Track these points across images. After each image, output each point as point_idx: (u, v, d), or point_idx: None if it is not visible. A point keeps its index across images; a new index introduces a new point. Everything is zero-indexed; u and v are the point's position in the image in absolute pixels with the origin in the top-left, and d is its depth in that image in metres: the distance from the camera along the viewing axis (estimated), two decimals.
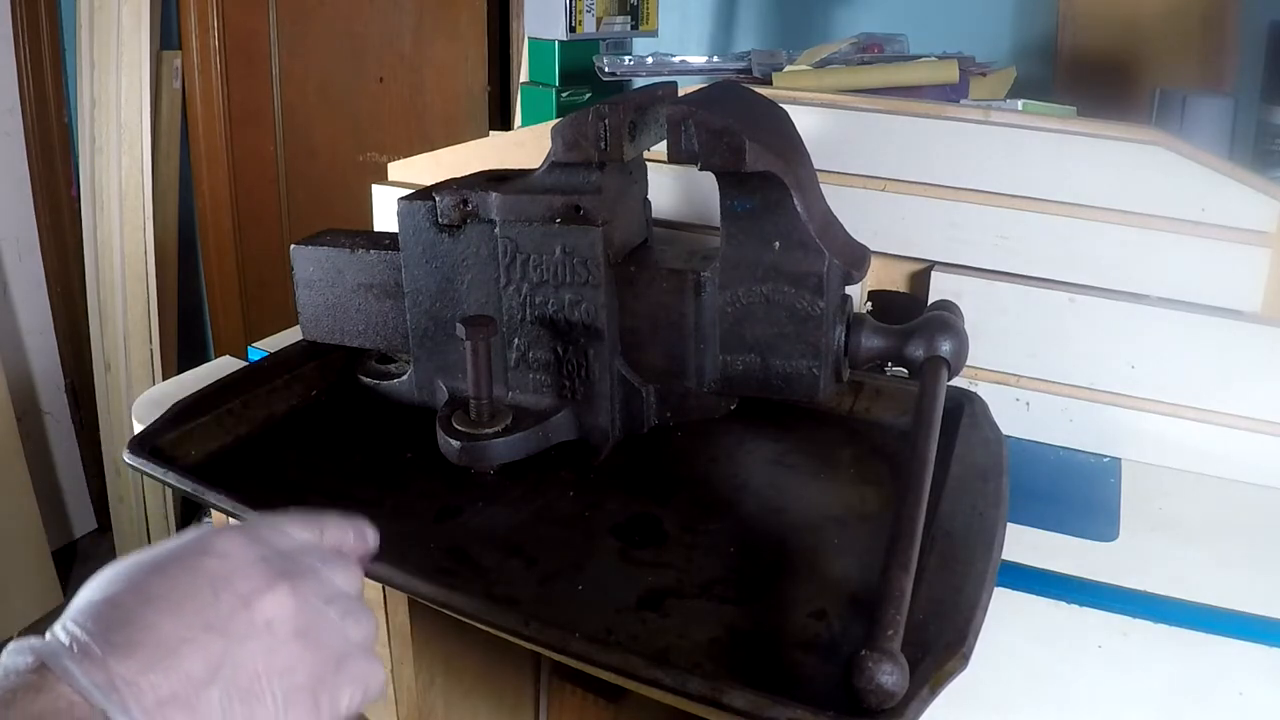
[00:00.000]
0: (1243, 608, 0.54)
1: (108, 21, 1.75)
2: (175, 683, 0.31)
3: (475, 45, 1.70)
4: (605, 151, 0.58)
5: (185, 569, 0.33)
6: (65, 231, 1.94)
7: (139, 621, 0.31)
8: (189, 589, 0.33)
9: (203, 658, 0.32)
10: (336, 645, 0.36)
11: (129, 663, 0.30)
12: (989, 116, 0.71)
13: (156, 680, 0.30)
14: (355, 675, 0.37)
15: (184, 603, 0.32)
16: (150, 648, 0.31)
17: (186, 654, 0.31)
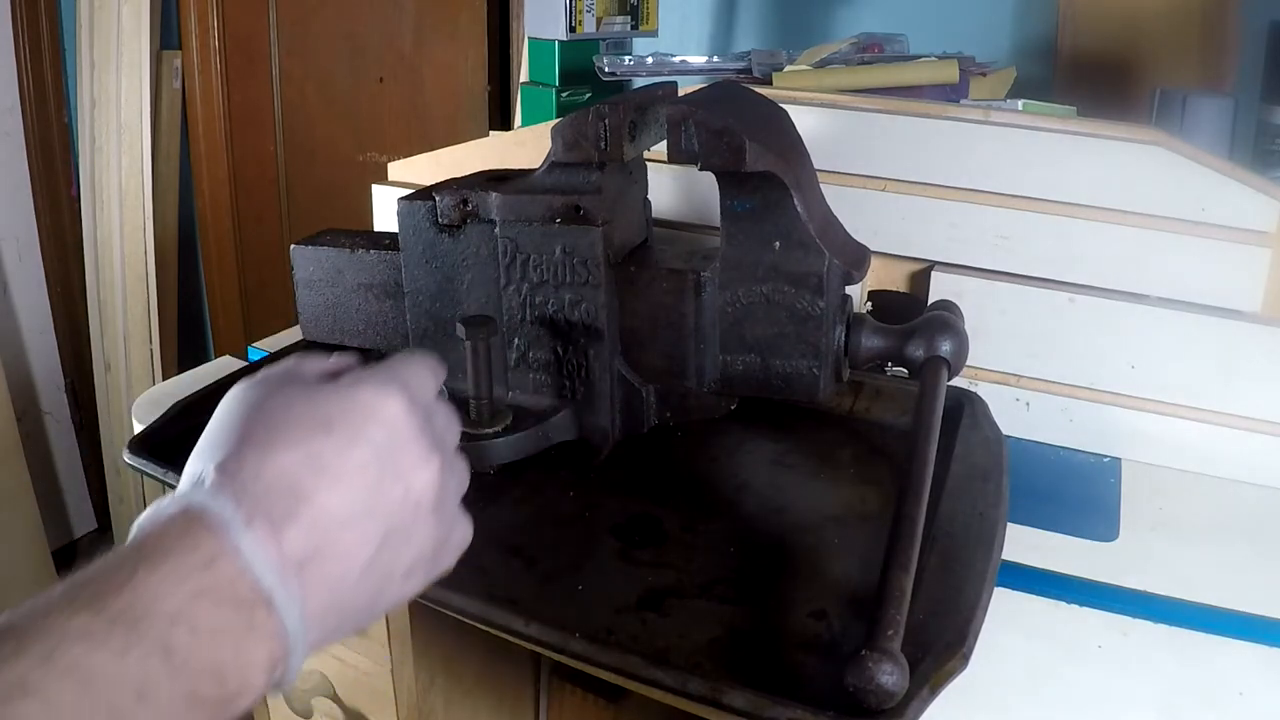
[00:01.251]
0: (1243, 608, 0.54)
1: (108, 21, 1.75)
2: (335, 565, 0.31)
3: (475, 45, 1.70)
4: (605, 151, 0.58)
5: (353, 437, 0.33)
6: (65, 231, 1.94)
7: (309, 496, 0.31)
8: (358, 463, 0.32)
9: (363, 539, 0.32)
10: (452, 514, 0.37)
11: (302, 539, 0.30)
12: (989, 116, 0.71)
13: (322, 559, 0.31)
14: (458, 540, 0.38)
15: (353, 480, 0.32)
16: (322, 522, 0.31)
17: (351, 533, 0.32)
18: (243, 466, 0.31)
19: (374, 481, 0.33)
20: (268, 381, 0.35)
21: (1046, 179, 0.70)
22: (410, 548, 0.35)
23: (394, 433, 0.34)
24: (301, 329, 0.73)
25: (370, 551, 0.33)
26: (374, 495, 0.33)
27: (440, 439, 0.36)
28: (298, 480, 0.31)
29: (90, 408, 1.99)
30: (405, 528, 0.34)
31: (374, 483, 0.33)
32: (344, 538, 0.32)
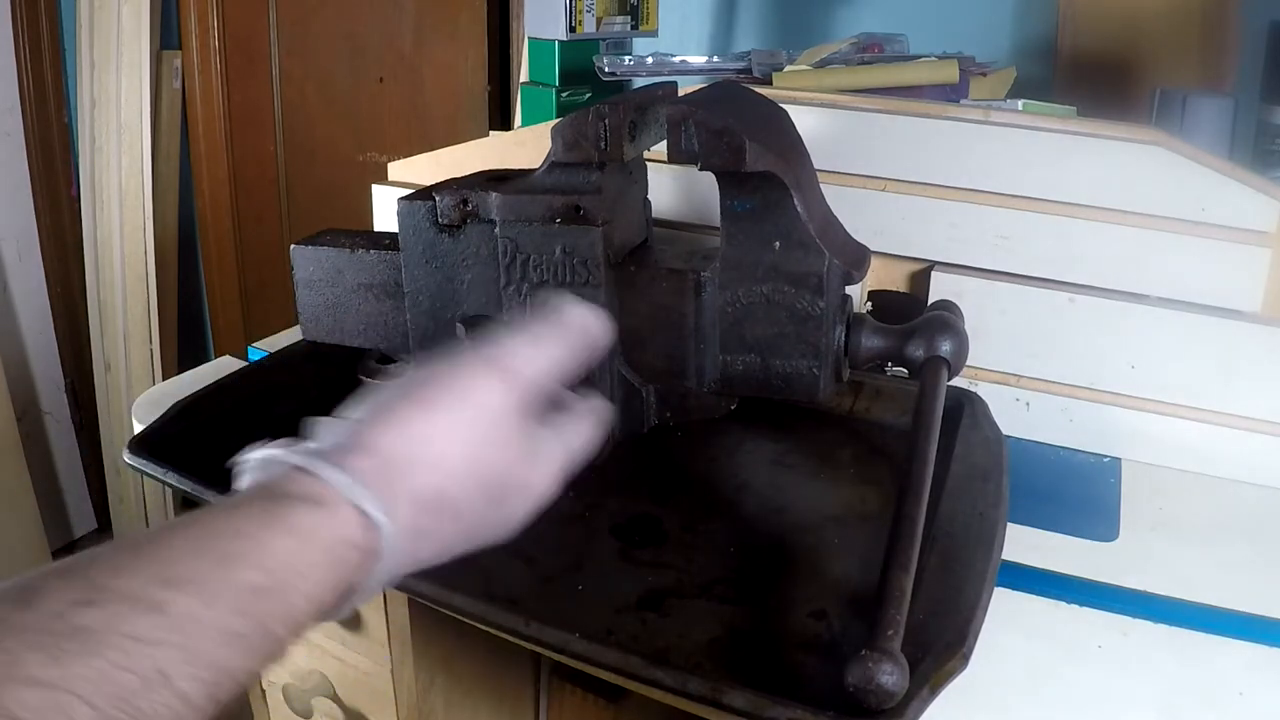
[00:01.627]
0: (1243, 608, 0.54)
1: (108, 21, 1.75)
2: (425, 549, 0.36)
3: (475, 45, 1.70)
4: (605, 151, 0.58)
5: (503, 471, 0.37)
6: (65, 231, 1.94)
7: (451, 509, 0.36)
8: (498, 493, 0.37)
9: (467, 545, 0.37)
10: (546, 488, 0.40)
11: (403, 519, 0.34)
12: (989, 116, 0.71)
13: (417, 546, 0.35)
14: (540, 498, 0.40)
15: (487, 510, 0.37)
16: (422, 514, 0.35)
17: (437, 530, 0.36)
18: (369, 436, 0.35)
19: (504, 510, 0.38)
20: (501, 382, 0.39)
21: (1046, 179, 0.70)
22: (507, 515, 0.39)
23: (537, 473, 0.39)
24: (301, 329, 0.73)
25: (468, 515, 0.37)
26: (498, 517, 0.38)
27: (555, 417, 0.41)
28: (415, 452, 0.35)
29: (90, 408, 1.99)
30: (505, 500, 0.38)
31: (504, 511, 0.38)
32: (450, 509, 0.36)
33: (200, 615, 0.28)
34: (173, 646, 0.27)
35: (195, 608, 0.28)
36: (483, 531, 0.38)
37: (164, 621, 0.27)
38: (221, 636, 0.28)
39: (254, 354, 0.83)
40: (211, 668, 0.28)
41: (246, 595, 0.29)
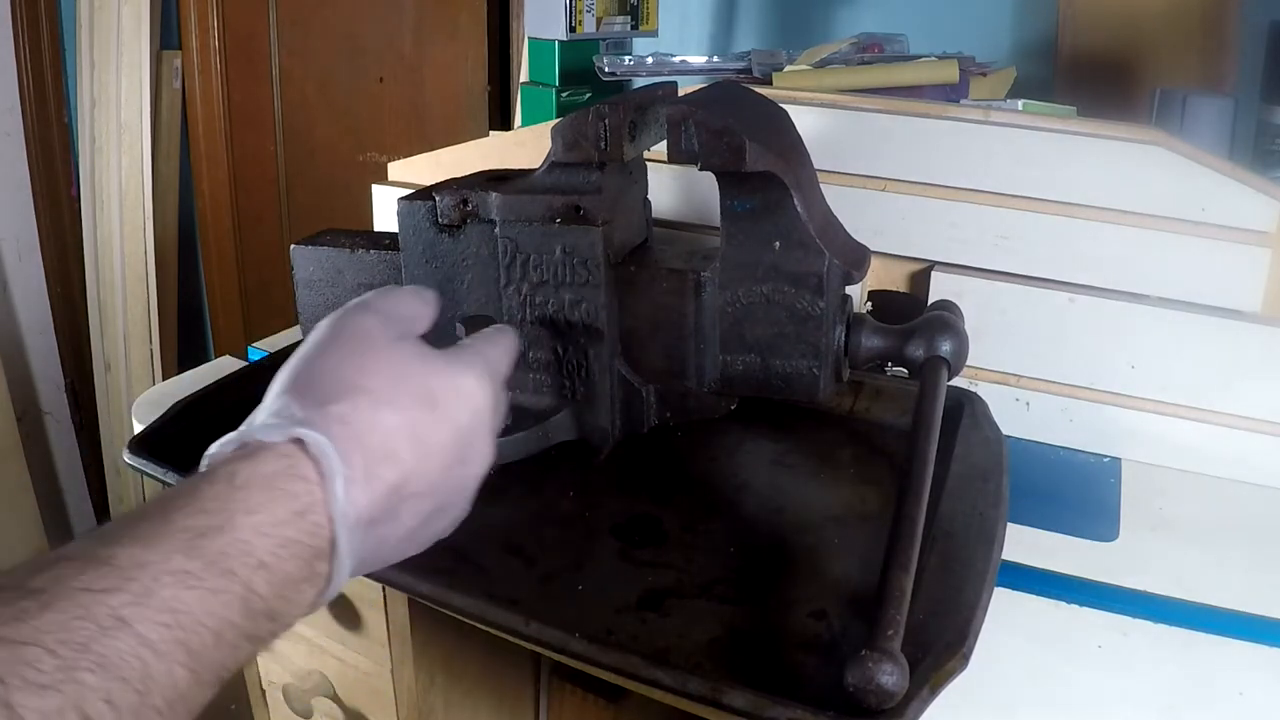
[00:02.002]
0: (1243, 608, 0.54)
1: (108, 21, 1.75)
2: (390, 531, 0.34)
3: (475, 45, 1.70)
4: (605, 151, 0.58)
5: (448, 417, 0.36)
6: (65, 231, 1.94)
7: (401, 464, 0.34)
8: (443, 443, 0.35)
9: (415, 514, 0.35)
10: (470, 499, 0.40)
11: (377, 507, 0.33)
12: (989, 116, 0.71)
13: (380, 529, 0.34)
14: (460, 518, 0.41)
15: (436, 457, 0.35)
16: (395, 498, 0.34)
17: (408, 511, 0.35)
18: (357, 418, 0.34)
19: (448, 463, 0.36)
20: (380, 320, 0.38)
21: (1046, 179, 0.70)
22: (442, 521, 0.38)
23: (477, 422, 0.37)
24: (301, 329, 0.73)
25: (416, 524, 0.36)
26: (442, 475, 0.36)
27: (498, 421, 0.40)
28: (398, 446, 0.34)
29: (90, 408, 1.99)
30: (447, 508, 0.37)
31: (448, 464, 0.36)
32: (405, 507, 0.35)
33: (145, 559, 0.28)
34: (124, 592, 0.27)
35: (138, 553, 0.28)
36: (446, 493, 0.37)
37: (110, 570, 0.27)
38: (173, 578, 0.28)
39: (254, 354, 0.83)
40: (170, 610, 0.27)
41: (189, 536, 0.29)
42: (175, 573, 0.28)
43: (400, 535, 0.36)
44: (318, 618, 0.70)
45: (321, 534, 0.32)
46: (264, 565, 0.30)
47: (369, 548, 0.34)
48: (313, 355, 0.36)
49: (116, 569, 0.27)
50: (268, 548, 0.30)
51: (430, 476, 0.35)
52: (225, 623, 0.29)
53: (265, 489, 0.31)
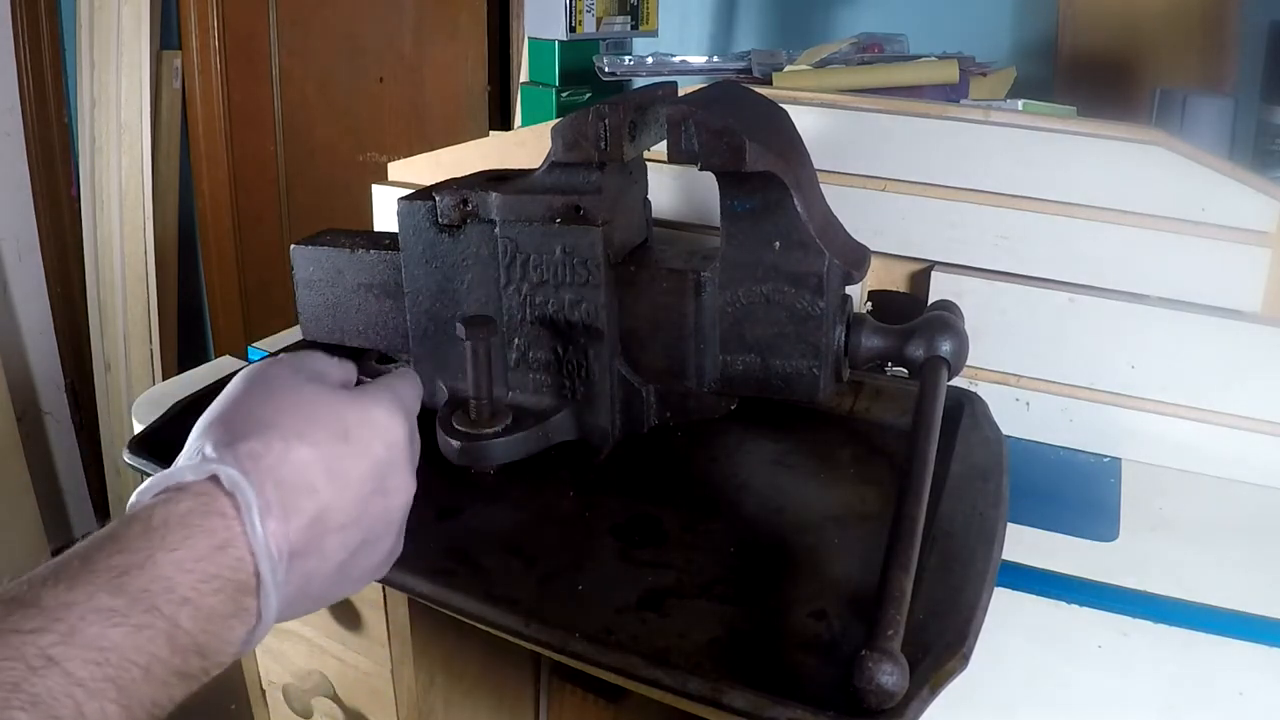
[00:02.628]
0: (1243, 608, 0.54)
1: (108, 21, 1.75)
2: (317, 565, 0.34)
3: (475, 45, 1.70)
4: (605, 151, 0.58)
5: (363, 450, 0.36)
6: (65, 231, 1.94)
7: (317, 496, 0.34)
8: (360, 475, 0.36)
9: (342, 546, 0.35)
10: (402, 530, 0.41)
11: (297, 539, 0.33)
12: (989, 116, 0.71)
13: (305, 564, 0.34)
14: (395, 553, 0.42)
15: (354, 489, 0.35)
16: (316, 531, 0.34)
17: (334, 543, 0.35)
18: (270, 452, 0.34)
19: (368, 494, 0.36)
20: (291, 369, 0.38)
21: (1046, 179, 0.70)
22: (373, 557, 0.38)
23: (393, 454, 0.37)
24: (301, 329, 0.73)
25: (345, 556, 0.36)
26: (364, 507, 0.35)
27: (413, 457, 0.40)
28: (313, 478, 0.34)
29: (90, 408, 1.99)
30: (375, 540, 0.38)
31: (367, 495, 0.36)
32: (330, 541, 0.34)
33: (70, 599, 0.28)
34: (51, 632, 0.27)
35: (63, 594, 0.28)
36: (370, 526, 0.37)
37: (36, 612, 0.27)
38: (98, 615, 0.28)
39: (254, 354, 0.83)
40: (98, 648, 0.27)
41: (112, 575, 0.29)
42: (100, 610, 0.28)
43: (329, 571, 0.36)
44: (318, 618, 0.70)
45: (244, 568, 0.32)
46: (188, 601, 0.30)
47: (296, 584, 0.34)
48: (227, 401, 0.37)
49: (42, 610, 0.27)
50: (190, 583, 0.30)
51: (350, 508, 0.35)
52: (153, 658, 0.29)
53: (183, 526, 0.31)
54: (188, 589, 0.30)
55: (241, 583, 0.32)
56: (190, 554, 0.31)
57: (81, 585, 0.29)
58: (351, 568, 0.37)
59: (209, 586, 0.31)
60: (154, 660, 0.29)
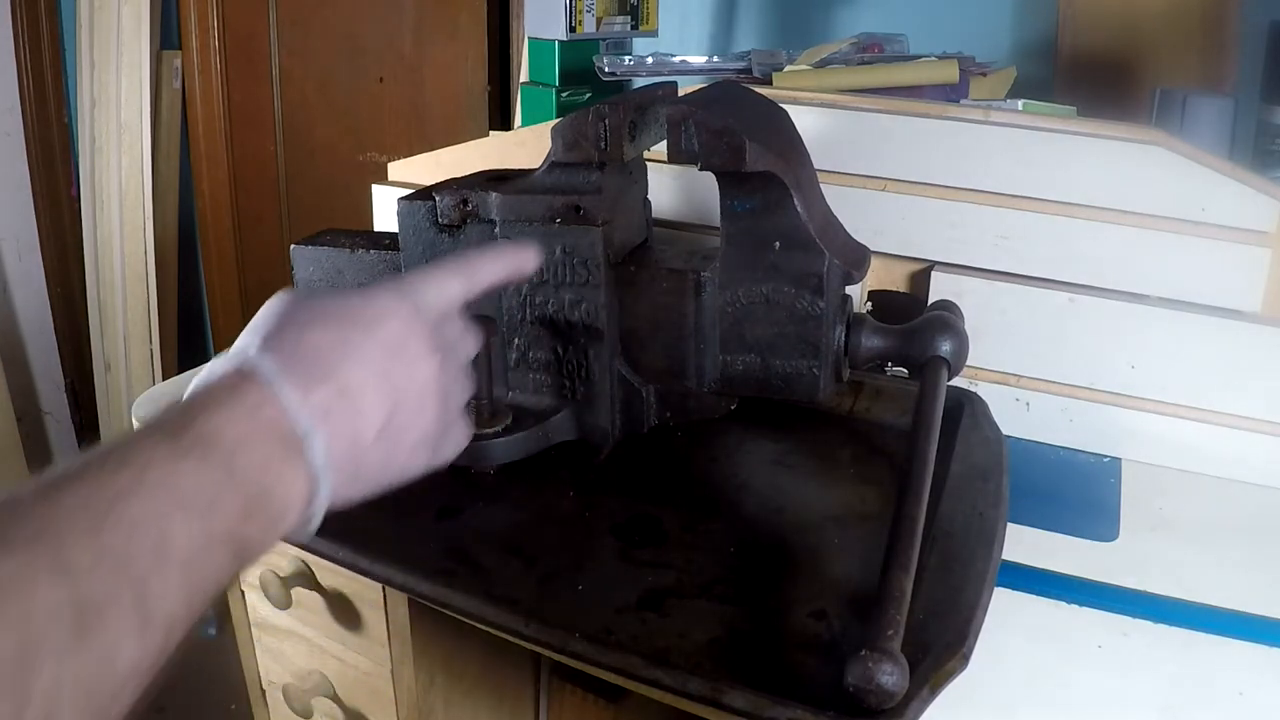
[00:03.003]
0: (1243, 608, 0.54)
1: (108, 21, 1.75)
2: (352, 420, 0.38)
3: (475, 45, 1.70)
4: (605, 151, 0.58)
5: (370, 330, 0.40)
6: (65, 231, 1.94)
7: (335, 364, 0.38)
8: (374, 348, 0.39)
9: (376, 406, 0.39)
10: (453, 410, 0.44)
11: (326, 395, 0.37)
12: (989, 116, 0.71)
13: (342, 414, 0.37)
14: (457, 433, 0.45)
15: (370, 357, 0.39)
16: (340, 386, 0.37)
17: (366, 399, 0.38)
18: (284, 340, 0.38)
19: (385, 365, 0.39)
20: (305, 290, 0.43)
21: (1046, 179, 0.70)
22: (416, 423, 0.41)
23: (402, 332, 0.40)
24: None
25: (382, 416, 0.39)
26: (385, 374, 0.39)
27: (448, 344, 0.43)
28: (327, 353, 0.38)
29: (90, 408, 1.99)
30: (411, 405, 0.40)
31: (385, 366, 0.39)
32: (361, 401, 0.38)
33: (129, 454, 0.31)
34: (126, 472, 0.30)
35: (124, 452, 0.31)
36: (402, 393, 0.40)
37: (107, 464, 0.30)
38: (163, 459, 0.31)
39: None
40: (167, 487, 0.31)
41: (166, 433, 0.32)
42: (165, 455, 0.31)
43: (371, 429, 0.38)
44: (318, 618, 0.70)
45: (283, 422, 0.35)
46: (238, 447, 0.33)
47: (344, 441, 0.37)
48: (258, 316, 0.41)
49: (116, 452, 0.31)
50: (236, 434, 0.34)
51: (370, 373, 0.39)
52: (217, 495, 0.32)
53: (219, 399, 0.35)
54: (234, 437, 0.33)
55: (284, 435, 0.35)
56: (230, 414, 0.34)
57: (145, 438, 0.32)
58: (398, 436, 0.40)
59: (253, 437, 0.34)
60: (218, 496, 0.32)
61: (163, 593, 0.29)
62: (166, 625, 0.29)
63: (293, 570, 0.67)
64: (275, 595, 0.66)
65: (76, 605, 0.26)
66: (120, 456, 0.31)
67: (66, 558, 0.27)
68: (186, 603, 0.30)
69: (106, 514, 0.29)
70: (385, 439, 0.39)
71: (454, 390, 0.43)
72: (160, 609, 0.29)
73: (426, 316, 0.42)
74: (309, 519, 0.37)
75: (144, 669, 0.29)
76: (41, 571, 0.26)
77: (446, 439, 0.44)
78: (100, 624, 0.27)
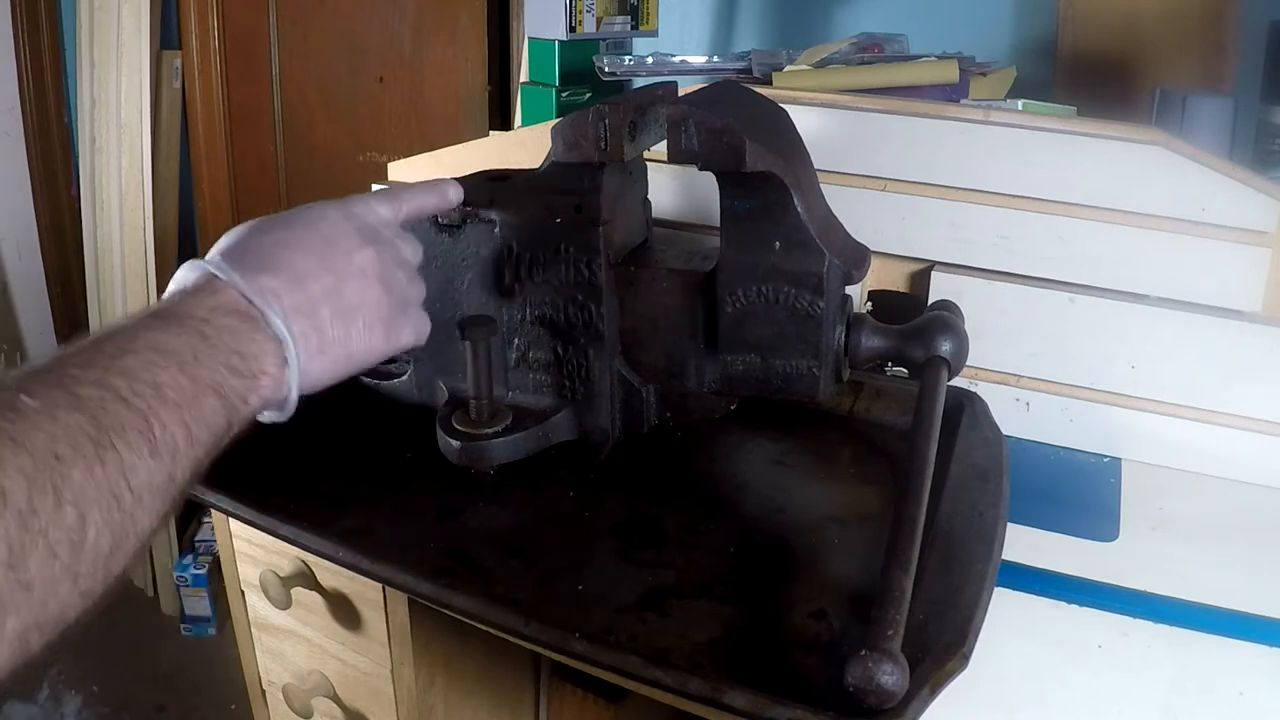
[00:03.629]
0: (1243, 608, 0.54)
1: (108, 21, 1.75)
2: (303, 297, 0.44)
3: (475, 45, 1.70)
4: (605, 151, 0.58)
5: (307, 228, 0.47)
6: (65, 231, 1.94)
7: (280, 258, 0.44)
8: (311, 240, 0.46)
9: (320, 285, 0.45)
10: (403, 296, 0.49)
11: (274, 281, 0.43)
12: (989, 116, 0.71)
13: (293, 294, 0.43)
14: (413, 321, 0.50)
15: (309, 248, 0.45)
16: (288, 273, 0.44)
17: (311, 280, 0.44)
18: (237, 246, 0.45)
19: (323, 254, 0.45)
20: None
21: (1046, 179, 0.70)
22: (364, 300, 0.46)
23: (335, 230, 0.47)
24: None
25: (327, 292, 0.44)
26: (324, 261, 0.45)
27: (382, 239, 0.48)
28: (270, 251, 0.44)
29: None
30: (354, 285, 0.46)
31: (323, 255, 0.45)
32: (307, 281, 0.44)
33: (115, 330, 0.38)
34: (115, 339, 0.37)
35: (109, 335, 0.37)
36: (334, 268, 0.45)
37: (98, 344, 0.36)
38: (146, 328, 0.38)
39: None
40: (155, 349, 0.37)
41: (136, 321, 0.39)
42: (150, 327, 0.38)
43: (324, 306, 0.44)
44: (318, 618, 0.70)
45: (242, 303, 0.41)
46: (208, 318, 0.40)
47: (302, 317, 0.43)
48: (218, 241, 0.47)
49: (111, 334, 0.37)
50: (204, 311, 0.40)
51: (311, 261, 0.45)
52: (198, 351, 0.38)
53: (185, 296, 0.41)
54: (203, 312, 0.40)
55: (244, 311, 0.41)
56: (197, 299, 0.40)
57: (130, 323, 0.38)
58: (349, 313, 0.45)
59: (219, 312, 0.40)
60: (199, 351, 0.38)
61: (163, 424, 0.35)
62: (171, 452, 0.35)
63: (293, 570, 0.67)
64: (275, 595, 0.66)
65: (93, 428, 0.32)
66: (111, 331, 0.37)
67: (80, 394, 0.33)
68: (187, 437, 0.36)
69: (109, 367, 0.35)
70: (338, 316, 0.45)
71: (398, 277, 0.48)
72: (164, 438, 0.35)
73: (358, 221, 0.48)
74: (286, 386, 0.42)
75: (155, 487, 0.34)
76: (60, 407, 0.32)
77: (401, 322, 0.49)
78: (114, 444, 0.33)
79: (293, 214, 0.48)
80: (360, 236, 0.48)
